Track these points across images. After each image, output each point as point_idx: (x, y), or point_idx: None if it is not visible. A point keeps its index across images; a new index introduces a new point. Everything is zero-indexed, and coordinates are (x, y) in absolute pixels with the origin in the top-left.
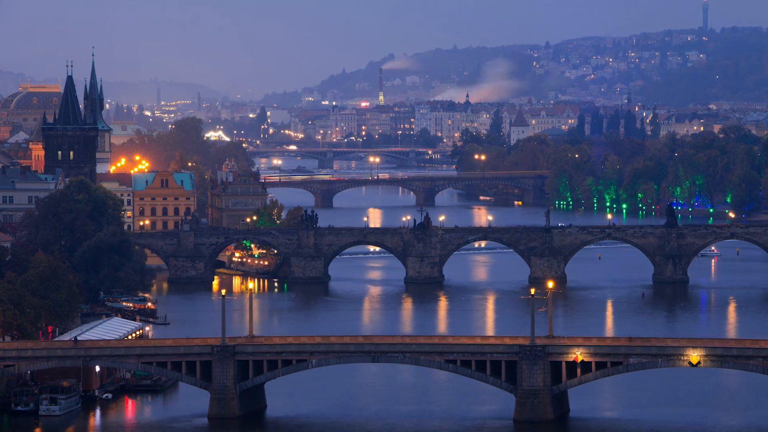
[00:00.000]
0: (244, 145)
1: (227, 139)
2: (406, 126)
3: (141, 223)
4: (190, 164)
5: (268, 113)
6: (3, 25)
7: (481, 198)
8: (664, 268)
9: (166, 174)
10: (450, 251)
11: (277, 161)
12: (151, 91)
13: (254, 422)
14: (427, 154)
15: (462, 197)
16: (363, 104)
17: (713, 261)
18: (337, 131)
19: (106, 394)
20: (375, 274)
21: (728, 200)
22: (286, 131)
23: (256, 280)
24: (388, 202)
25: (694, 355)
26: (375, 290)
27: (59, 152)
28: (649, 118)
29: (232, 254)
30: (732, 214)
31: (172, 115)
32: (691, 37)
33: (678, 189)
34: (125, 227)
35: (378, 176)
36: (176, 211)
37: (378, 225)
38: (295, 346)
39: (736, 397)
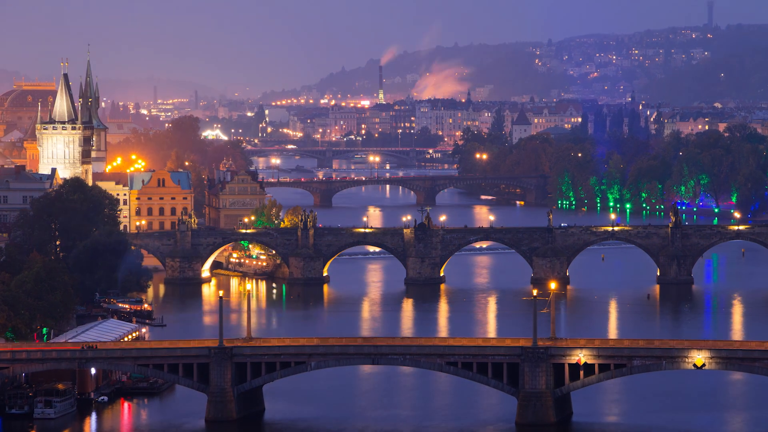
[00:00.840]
0: (242, 144)
1: (225, 137)
2: (407, 125)
3: (137, 223)
4: (187, 163)
5: (266, 112)
6: None
7: (483, 197)
8: (668, 268)
9: (163, 173)
10: (451, 252)
11: (275, 160)
12: (148, 89)
13: (252, 425)
14: (428, 153)
15: (463, 197)
16: (363, 102)
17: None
18: (337, 130)
19: (101, 397)
20: (375, 275)
21: (734, 200)
22: (285, 130)
23: (254, 281)
24: (389, 201)
25: (699, 357)
26: (375, 291)
27: (54, 151)
28: (653, 116)
29: (230, 255)
30: (737, 214)
31: (169, 114)
32: (695, 35)
33: (683, 188)
34: (121, 227)
35: (378, 176)
36: (173, 211)
37: (378, 225)
38: (293, 348)
39: (741, 399)
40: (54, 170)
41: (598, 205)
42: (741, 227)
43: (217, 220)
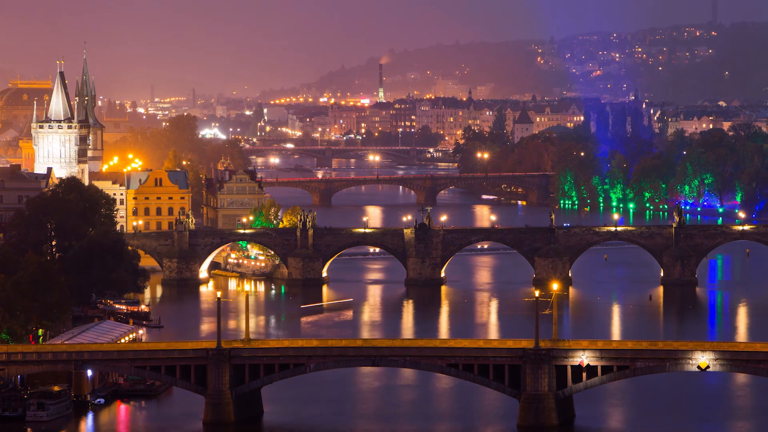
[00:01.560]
0: (241, 143)
1: (223, 136)
2: (407, 123)
3: (134, 223)
4: (184, 163)
5: (265, 110)
6: None
7: (484, 197)
8: (671, 269)
9: (160, 173)
10: (452, 252)
11: (274, 159)
12: (145, 88)
13: (250, 428)
14: (429, 152)
15: (464, 196)
16: (362, 101)
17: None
18: (336, 129)
19: (98, 399)
20: (375, 276)
21: (738, 199)
22: (284, 128)
23: (252, 281)
24: (389, 201)
25: (703, 359)
26: (375, 292)
27: (50, 150)
28: (657, 115)
29: (228, 255)
30: (742, 214)
31: (167, 112)
32: (699, 32)
33: (686, 188)
34: (118, 227)
35: (378, 175)
36: (170, 211)
37: (378, 225)
38: (292, 349)
39: (745, 402)
40: (50, 169)
41: (601, 204)
42: (746, 227)
43: (215, 219)
